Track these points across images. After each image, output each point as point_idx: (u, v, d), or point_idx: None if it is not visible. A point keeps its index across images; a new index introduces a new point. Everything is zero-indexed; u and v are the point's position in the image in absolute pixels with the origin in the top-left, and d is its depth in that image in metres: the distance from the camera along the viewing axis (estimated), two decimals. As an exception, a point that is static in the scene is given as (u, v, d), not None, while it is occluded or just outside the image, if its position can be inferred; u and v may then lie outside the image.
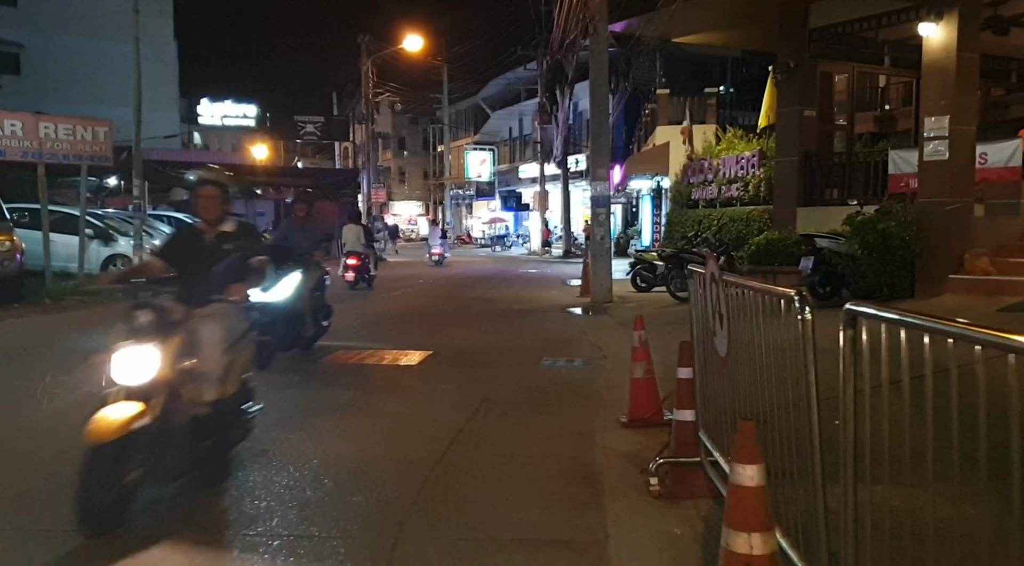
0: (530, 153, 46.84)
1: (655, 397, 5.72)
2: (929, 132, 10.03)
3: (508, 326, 11.52)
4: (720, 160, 18.35)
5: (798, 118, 14.48)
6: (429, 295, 16.66)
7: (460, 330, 11.06)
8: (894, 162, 13.10)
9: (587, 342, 9.81)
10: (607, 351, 9.03)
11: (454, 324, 11.79)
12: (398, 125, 66.59)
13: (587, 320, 12.44)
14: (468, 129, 58.29)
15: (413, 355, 8.68)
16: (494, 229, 49.54)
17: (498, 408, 6.29)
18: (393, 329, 11.24)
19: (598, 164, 14.84)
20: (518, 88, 47.61)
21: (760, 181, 16.51)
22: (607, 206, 14.94)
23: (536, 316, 12.64)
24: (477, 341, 9.98)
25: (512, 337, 10.32)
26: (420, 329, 11.17)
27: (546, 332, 10.72)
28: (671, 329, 11.18)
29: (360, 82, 36.88)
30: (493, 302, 14.88)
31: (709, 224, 17.66)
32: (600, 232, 14.83)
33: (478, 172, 52.01)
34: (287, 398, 6.69)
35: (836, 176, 14.41)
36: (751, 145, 17.49)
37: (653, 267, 15.90)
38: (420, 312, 13.46)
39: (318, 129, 33.60)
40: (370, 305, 14.59)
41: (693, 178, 19.79)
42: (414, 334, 10.62)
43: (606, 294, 14.65)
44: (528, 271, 25.90)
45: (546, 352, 9.06)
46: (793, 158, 14.63)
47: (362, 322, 12.01)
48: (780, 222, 14.85)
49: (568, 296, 16.05)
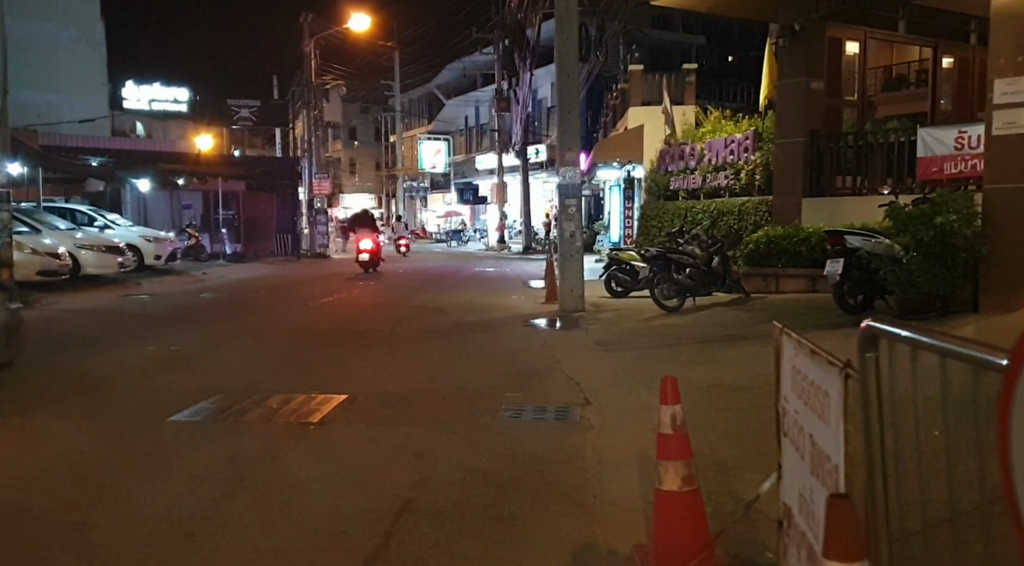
0: (487, 143, 44.30)
1: (702, 527, 3.22)
2: (1000, 98, 7.73)
3: (457, 349, 8.98)
4: (705, 144, 16.01)
5: (804, 91, 12.17)
6: (365, 303, 14.03)
7: (394, 357, 8.49)
8: (924, 142, 10.85)
9: (560, 374, 7.34)
10: (589, 390, 6.57)
11: (388, 347, 9.21)
12: (348, 114, 63.47)
13: (557, 338, 9.96)
14: (422, 118, 55.52)
15: (317, 404, 6.10)
16: (450, 223, 47.00)
17: (425, 529, 3.72)
18: (305, 356, 8.63)
19: (567, 145, 12.37)
20: (474, 74, 45.02)
21: (755, 168, 14.19)
22: (578, 196, 12.48)
23: (493, 333, 10.12)
24: (414, 376, 7.42)
25: (461, 368, 7.78)
26: (341, 356, 8.57)
27: (506, 359, 8.21)
28: (668, 354, 8.28)
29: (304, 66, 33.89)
30: (442, 312, 12.33)
31: (694, 218, 15.32)
32: (570, 228, 12.37)
33: (432, 163, 49.28)
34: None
35: (850, 161, 12.13)
36: (742, 126, 15.15)
37: (631, 269, 13.52)
38: (348, 328, 10.83)
39: (254, 114, 30.54)
40: (286, 318, 11.92)
41: (672, 165, 17.42)
42: (331, 365, 8.02)
43: (577, 302, 12.21)
44: (485, 270, 23.40)
45: (506, 390, 6.59)
46: (797, 139, 12.32)
47: (266, 344, 9.37)
48: (781, 215, 12.55)
49: (531, 303, 13.58)
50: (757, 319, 9.84)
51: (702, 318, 10.46)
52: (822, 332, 8.53)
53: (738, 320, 9.93)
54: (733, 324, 9.67)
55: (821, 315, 9.54)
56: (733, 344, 8.32)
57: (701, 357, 7.75)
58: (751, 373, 6.72)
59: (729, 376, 6.74)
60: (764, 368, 7.66)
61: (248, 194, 28.37)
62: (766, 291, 11.90)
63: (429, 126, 52.98)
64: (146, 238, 19.49)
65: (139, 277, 18.37)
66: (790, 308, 10.38)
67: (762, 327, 9.24)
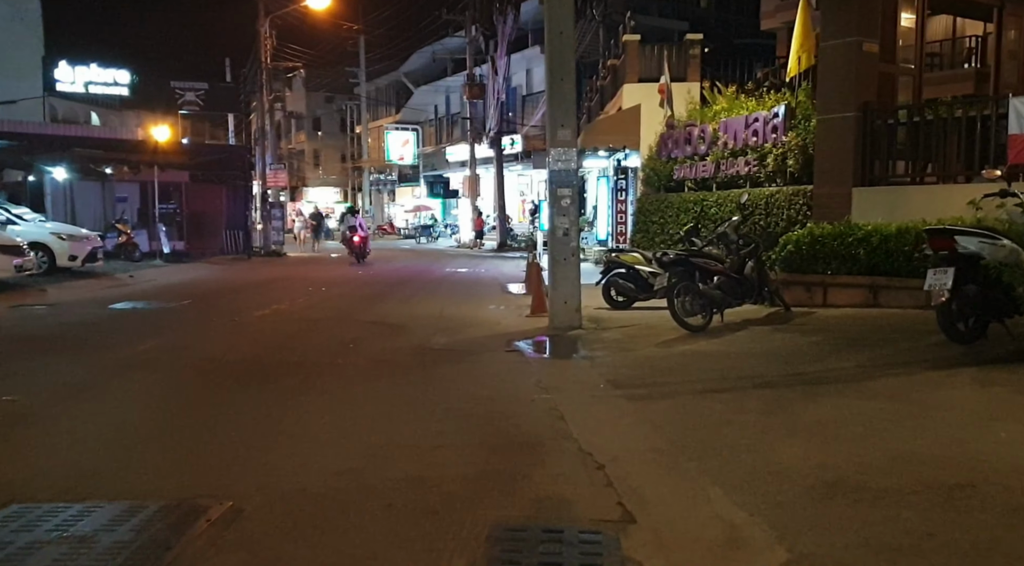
0: (458, 133, 41.71)
1: None
2: None
3: (417, 398, 6.39)
4: (719, 125, 13.52)
5: (855, 54, 9.75)
6: (307, 317, 11.37)
7: (324, 414, 5.88)
8: (1018, 115, 8.49)
9: (570, 448, 4.80)
10: (623, 485, 4.10)
11: (320, 392, 6.59)
12: (312, 104, 60.66)
13: (554, 372, 7.41)
14: (389, 107, 52.70)
15: (171, 525, 3.51)
16: (419, 218, 44.26)
17: None
18: (196, 411, 5.98)
19: (559, 120, 9.84)
20: (444, 60, 42.30)
21: (787, 151, 11.71)
22: (573, 185, 9.96)
23: (468, 365, 7.57)
24: (347, 453, 4.82)
25: (421, 435, 5.19)
26: (248, 413, 5.92)
27: (486, 413, 5.65)
28: (721, 407, 5.47)
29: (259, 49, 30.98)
30: (402, 331, 9.75)
31: (707, 212, 12.86)
32: (563, 224, 9.86)
33: (400, 154, 46.53)
34: None
35: (916, 141, 9.73)
36: (767, 102, 12.65)
37: (635, 274, 11.07)
38: (274, 358, 8.18)
39: (200, 98, 27.62)
40: (200, 341, 9.23)
41: (676, 151, 14.92)
42: (227, 431, 5.40)
43: (572, 316, 9.74)
44: (457, 271, 20.86)
45: (493, 488, 4.08)
46: (847, 114, 9.89)
47: (151, 389, 6.70)
48: (825, 209, 10.13)
49: (513, 315, 11.09)
50: (822, 347, 7.38)
51: (741, 343, 7.98)
52: (934, 373, 6.09)
53: (795, 348, 7.46)
54: (791, 354, 7.19)
55: (912, 342, 7.11)
56: (813, 392, 5.83)
57: (777, 417, 5.25)
58: (878, 456, 4.27)
59: (846, 461, 4.25)
60: (893, 445, 4.83)
61: (193, 186, 25.48)
62: (810, 304, 9.47)
63: (397, 116, 50.20)
64: (59, 235, 16.66)
65: (48, 281, 15.59)
66: (858, 330, 7.94)
67: (836, 361, 6.76)
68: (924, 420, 4.94)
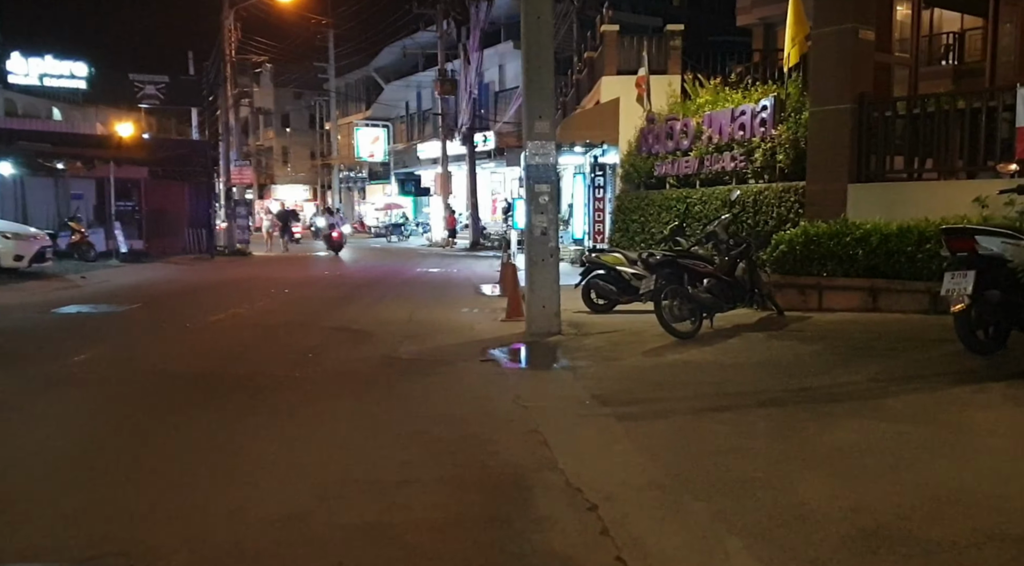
0: (430, 130, 40.88)
1: None
2: None
3: (381, 421, 5.67)
4: (702, 118, 12.90)
5: (850, 42, 9.17)
6: (266, 323, 10.57)
7: (272, 444, 5.13)
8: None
9: (557, 483, 4.10)
10: (624, 535, 3.43)
11: (270, 414, 5.83)
12: (281, 100, 59.32)
13: (533, 386, 6.72)
14: (359, 103, 51.67)
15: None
16: (390, 216, 43.33)
17: None
18: (124, 440, 5.20)
19: (536, 111, 9.16)
20: (415, 55, 41.44)
21: (776, 145, 11.12)
22: (552, 181, 9.28)
23: (439, 379, 6.85)
24: (296, 493, 4.08)
25: (383, 469, 4.45)
26: (183, 442, 5.14)
27: (460, 439, 4.94)
28: (726, 429, 4.78)
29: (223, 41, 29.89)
30: (368, 338, 9.01)
31: (690, 210, 12.24)
32: (541, 223, 9.18)
33: (370, 151, 45.54)
34: None
35: (913, 134, 9.17)
36: (754, 94, 12.05)
37: (617, 275, 10.44)
38: (223, 371, 7.39)
39: (161, 91, 26.49)
40: (143, 351, 8.39)
41: (657, 146, 14.29)
42: (152, 470, 4.63)
43: (551, 322, 9.08)
44: (429, 271, 20.12)
45: (466, 539, 3.41)
46: (841, 106, 9.31)
47: (76, 410, 5.90)
48: (818, 207, 9.56)
49: (487, 320, 10.40)
50: (825, 356, 6.77)
51: (736, 352, 7.36)
52: (959, 389, 5.47)
53: (795, 358, 6.84)
54: (792, 365, 6.57)
55: (924, 351, 6.52)
56: (825, 411, 5.20)
57: (790, 443, 4.60)
58: (919, 496, 3.63)
59: (881, 503, 3.59)
60: (933, 482, 3.85)
61: (153, 182, 24.40)
62: (804, 308, 8.89)
63: (367, 112, 49.21)
64: (3, 234, 15.66)
65: (-10, 283, 14.62)
66: (862, 337, 7.34)
67: (844, 373, 6.14)
68: (963, 448, 4.31)
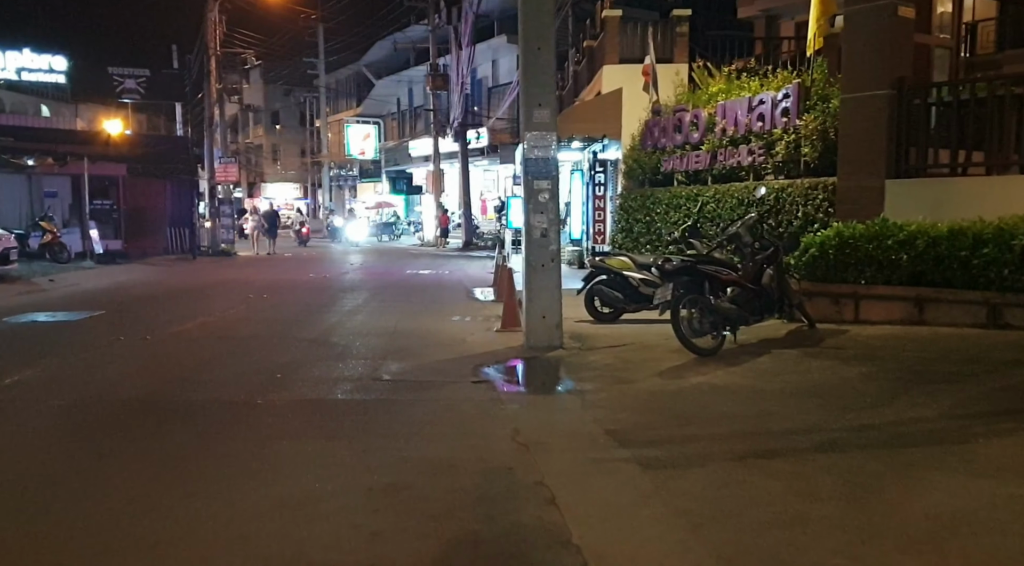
0: (422, 126, 39.85)
1: None
2: None
3: (349, 468, 4.63)
4: (715, 109, 11.90)
5: (888, 20, 8.19)
6: (234, 334, 9.52)
7: (211, 505, 4.09)
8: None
9: (571, 564, 3.12)
10: None
11: (220, 458, 4.79)
12: (270, 97, 58.36)
13: (534, 418, 5.67)
14: (350, 100, 50.56)
15: None
16: (381, 215, 42.18)
17: None
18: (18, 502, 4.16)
19: (536, 99, 8.17)
20: (407, 50, 40.34)
21: (801, 137, 10.11)
22: (552, 176, 8.28)
23: (421, 410, 5.82)
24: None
25: (345, 537, 3.43)
26: (96, 505, 4.10)
27: (443, 498, 3.92)
28: (779, 486, 3.59)
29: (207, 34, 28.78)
30: (343, 356, 7.97)
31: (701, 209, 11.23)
32: (541, 224, 8.19)
33: (361, 149, 44.45)
34: None
35: (961, 125, 8.18)
36: (774, 82, 11.04)
37: (623, 281, 9.46)
38: (175, 396, 6.32)
39: (141, 85, 25.39)
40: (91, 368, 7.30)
41: (664, 140, 13.28)
42: (60, 539, 3.58)
43: (552, 334, 8.10)
44: (419, 272, 19.11)
45: None
46: (878, 92, 8.33)
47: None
48: (851, 205, 8.58)
49: (480, 329, 9.41)
50: (878, 381, 5.77)
51: (769, 375, 6.35)
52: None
53: (842, 383, 5.84)
54: (841, 393, 5.57)
55: (1001, 377, 5.55)
56: (901, 461, 4.20)
57: (872, 510, 3.60)
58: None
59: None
60: None
61: (132, 180, 23.29)
62: (839, 319, 7.90)
63: (358, 109, 48.12)
64: (-41, 235, 14.61)
65: (-53, 288, 13.56)
66: (916, 357, 6.34)
67: (909, 406, 5.14)
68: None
